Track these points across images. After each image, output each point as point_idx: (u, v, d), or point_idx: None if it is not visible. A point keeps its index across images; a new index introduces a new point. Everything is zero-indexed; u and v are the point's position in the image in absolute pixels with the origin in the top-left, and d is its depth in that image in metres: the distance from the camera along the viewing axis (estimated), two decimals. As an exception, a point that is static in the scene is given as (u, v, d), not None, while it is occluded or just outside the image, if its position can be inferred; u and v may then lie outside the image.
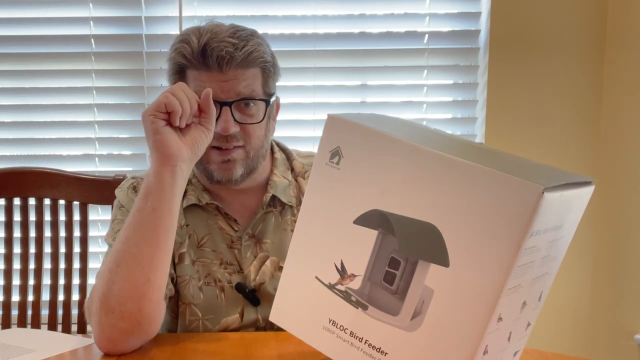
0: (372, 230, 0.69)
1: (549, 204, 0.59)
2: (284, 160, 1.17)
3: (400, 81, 1.93)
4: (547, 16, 1.87)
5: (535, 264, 0.64)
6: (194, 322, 1.08)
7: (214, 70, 1.00)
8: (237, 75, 1.01)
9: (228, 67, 1.00)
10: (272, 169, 1.14)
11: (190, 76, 1.03)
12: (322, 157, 0.73)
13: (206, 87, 0.98)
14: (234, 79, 1.01)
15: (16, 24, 1.89)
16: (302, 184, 1.15)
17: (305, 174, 1.15)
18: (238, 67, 1.01)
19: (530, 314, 0.72)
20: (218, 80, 1.00)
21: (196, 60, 1.00)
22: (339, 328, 0.73)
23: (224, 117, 1.00)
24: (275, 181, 1.12)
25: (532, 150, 1.89)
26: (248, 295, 1.08)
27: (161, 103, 0.91)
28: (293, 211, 1.13)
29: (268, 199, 1.11)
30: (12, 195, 1.41)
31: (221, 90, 1.00)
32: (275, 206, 1.13)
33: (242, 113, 1.03)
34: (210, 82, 1.00)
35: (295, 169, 1.16)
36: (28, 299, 1.42)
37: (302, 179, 1.15)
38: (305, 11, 1.91)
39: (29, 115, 1.93)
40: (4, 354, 0.92)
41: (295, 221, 1.11)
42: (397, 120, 0.82)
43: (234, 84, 1.01)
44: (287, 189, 1.13)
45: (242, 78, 1.01)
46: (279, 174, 1.14)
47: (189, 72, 1.03)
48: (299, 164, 1.17)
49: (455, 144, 0.72)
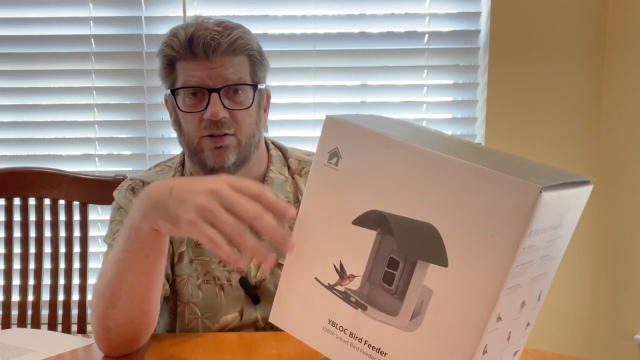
0: (370, 230, 0.69)
1: (546, 204, 0.59)
2: (280, 157, 1.18)
3: (400, 81, 1.93)
4: (547, 16, 1.87)
5: (534, 263, 0.64)
6: (193, 320, 1.08)
7: (201, 59, 1.02)
8: (224, 62, 1.03)
9: (215, 54, 1.02)
10: (268, 165, 1.15)
11: (179, 68, 1.05)
12: (321, 158, 0.73)
13: (195, 76, 1.02)
14: (221, 66, 1.02)
15: (16, 24, 1.90)
16: (299, 181, 1.15)
17: (302, 171, 1.16)
18: (225, 55, 1.03)
19: (530, 313, 0.72)
20: (206, 68, 1.02)
21: (184, 50, 1.02)
22: (338, 329, 0.73)
23: (213, 102, 1.02)
24: (271, 177, 1.13)
25: (532, 150, 1.89)
26: (250, 291, 1.08)
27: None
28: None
29: None
30: (12, 195, 1.41)
31: (209, 77, 1.02)
32: None
33: (231, 100, 1.04)
34: (198, 70, 1.02)
35: (291, 166, 1.17)
36: (28, 299, 1.42)
37: (299, 177, 1.16)
38: (305, 11, 1.91)
39: (29, 115, 1.93)
40: (4, 354, 0.92)
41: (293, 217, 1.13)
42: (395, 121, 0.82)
43: (221, 70, 1.02)
44: (283, 185, 1.14)
45: (230, 65, 1.03)
46: (275, 170, 1.14)
47: (178, 65, 1.05)
48: (295, 161, 1.17)
49: (454, 144, 0.72)
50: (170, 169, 1.15)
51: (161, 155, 1.92)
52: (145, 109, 1.92)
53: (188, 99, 1.04)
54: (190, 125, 1.05)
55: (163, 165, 1.18)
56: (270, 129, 1.92)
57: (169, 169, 1.16)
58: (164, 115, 1.90)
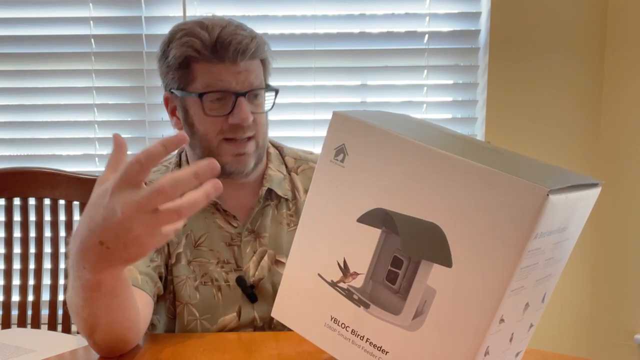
0: (375, 228, 0.69)
1: (553, 206, 0.58)
2: (277, 155, 1.18)
3: (400, 81, 1.93)
4: (547, 16, 1.87)
5: (539, 265, 0.64)
6: (192, 322, 1.08)
7: (227, 62, 1.01)
8: (247, 66, 1.03)
9: (242, 59, 1.01)
10: (267, 163, 1.15)
11: (199, 69, 1.02)
12: (327, 154, 0.73)
13: (222, 80, 1.00)
14: (245, 71, 1.03)
15: (16, 24, 1.89)
16: (295, 179, 1.16)
17: (299, 169, 1.17)
18: (250, 59, 1.03)
19: (533, 315, 0.72)
20: (232, 72, 1.02)
21: (210, 52, 1.01)
22: (340, 326, 0.73)
23: (242, 107, 1.01)
24: (270, 175, 1.13)
25: (532, 150, 1.89)
26: (247, 289, 1.08)
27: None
28: (288, 205, 1.14)
29: (264, 192, 1.11)
30: (12, 195, 1.41)
31: (236, 81, 1.02)
32: (272, 199, 1.13)
33: (252, 104, 1.05)
34: (225, 74, 1.01)
35: (287, 164, 1.18)
36: (28, 299, 1.41)
37: (295, 174, 1.16)
38: (305, 11, 1.91)
39: (29, 115, 1.92)
40: (4, 354, 0.92)
41: (291, 214, 1.13)
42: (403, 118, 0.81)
43: (246, 75, 1.03)
44: (282, 183, 1.14)
45: (252, 69, 1.04)
46: (274, 167, 1.15)
47: (198, 66, 1.02)
48: (291, 159, 1.18)
49: (462, 143, 0.72)
50: (167, 169, 1.15)
51: (161, 155, 1.91)
52: (145, 109, 1.92)
53: (210, 102, 1.03)
54: (210, 127, 1.04)
55: (160, 165, 1.17)
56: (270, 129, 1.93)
57: (165, 169, 1.15)
58: (164, 115, 1.89)
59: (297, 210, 1.13)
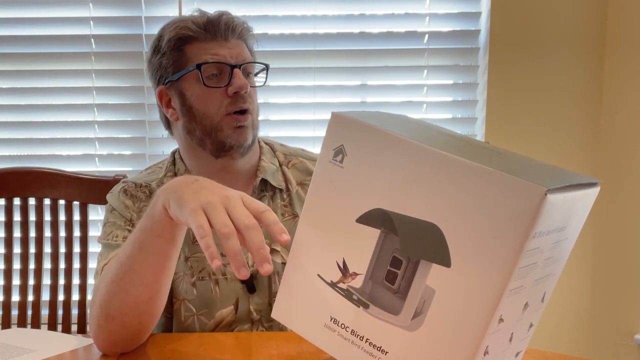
0: (374, 229, 0.69)
1: (552, 206, 0.58)
2: (269, 149, 1.21)
3: (400, 81, 1.93)
4: (547, 16, 1.87)
5: (538, 265, 0.64)
6: (189, 318, 1.09)
7: (219, 39, 1.08)
8: (238, 44, 1.10)
9: (233, 36, 1.09)
10: (260, 155, 1.18)
11: (193, 49, 1.08)
12: (326, 155, 0.73)
13: (218, 54, 1.06)
14: (237, 46, 1.10)
15: (16, 24, 1.89)
16: (287, 172, 1.18)
17: (289, 164, 1.19)
18: (238, 38, 1.10)
19: (533, 315, 0.72)
20: (225, 47, 1.08)
21: (204, 30, 1.07)
22: (340, 326, 0.73)
23: (239, 76, 1.07)
24: (264, 166, 1.15)
25: (532, 150, 1.89)
26: (247, 280, 1.08)
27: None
28: (282, 195, 1.15)
29: (258, 182, 1.13)
30: (12, 195, 1.41)
31: (230, 55, 1.08)
32: (267, 191, 1.15)
33: (246, 79, 1.09)
34: (219, 49, 1.07)
35: (278, 159, 1.20)
36: (28, 299, 1.42)
37: (287, 168, 1.19)
38: (305, 11, 1.91)
39: (29, 115, 1.92)
40: (4, 354, 0.92)
41: (285, 205, 1.14)
42: (402, 118, 0.81)
43: (238, 50, 1.09)
44: (275, 174, 1.16)
45: (242, 47, 1.11)
46: (266, 160, 1.17)
47: (192, 47, 1.08)
48: (282, 154, 1.20)
49: (460, 144, 0.72)
50: (161, 170, 1.17)
51: (161, 155, 1.91)
52: (145, 109, 1.92)
53: (207, 78, 1.07)
54: (211, 103, 1.07)
55: (154, 167, 1.20)
56: (270, 129, 1.93)
57: (159, 170, 1.17)
58: (164, 115, 1.89)
59: (291, 201, 1.15)
